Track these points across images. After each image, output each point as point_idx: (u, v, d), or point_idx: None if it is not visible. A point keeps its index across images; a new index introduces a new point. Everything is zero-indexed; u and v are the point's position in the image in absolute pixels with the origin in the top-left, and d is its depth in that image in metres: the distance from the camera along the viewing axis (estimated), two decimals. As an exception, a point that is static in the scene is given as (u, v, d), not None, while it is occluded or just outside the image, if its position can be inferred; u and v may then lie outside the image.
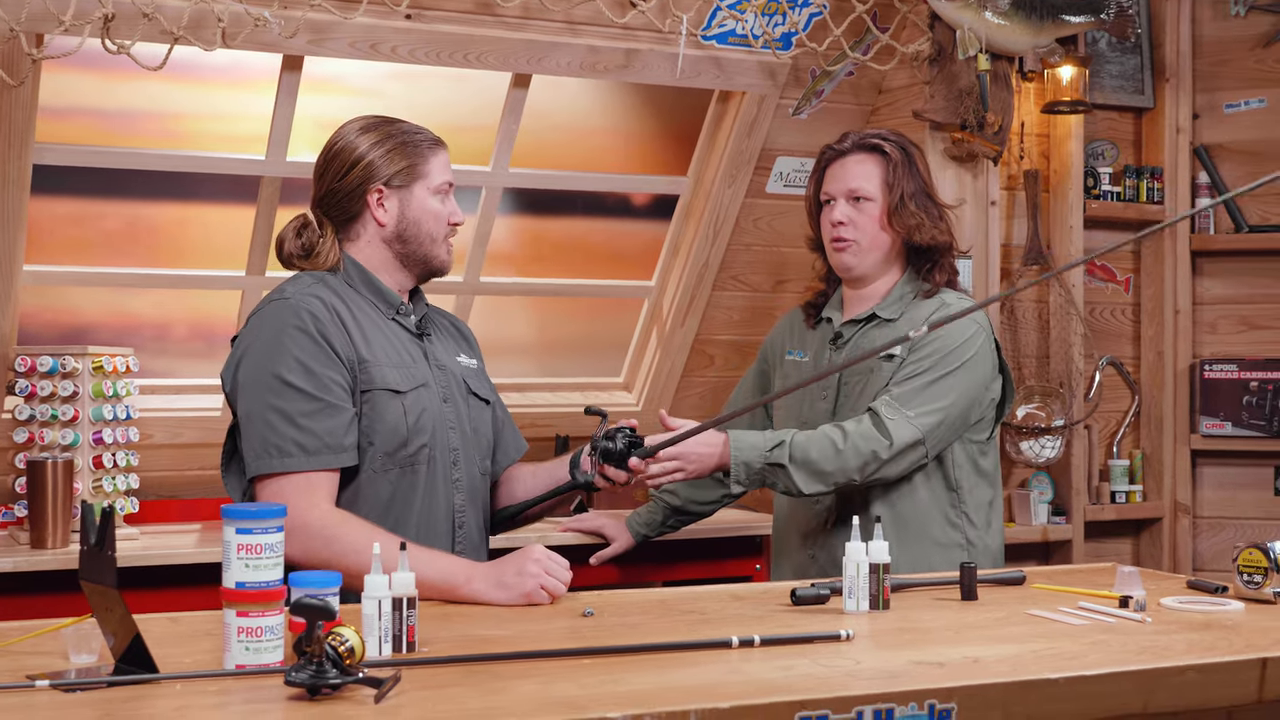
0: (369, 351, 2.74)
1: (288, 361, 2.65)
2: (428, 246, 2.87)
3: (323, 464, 2.63)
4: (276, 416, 2.63)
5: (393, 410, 2.73)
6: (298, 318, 2.68)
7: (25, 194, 3.69)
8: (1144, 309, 4.98)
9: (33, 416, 3.74)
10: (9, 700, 1.82)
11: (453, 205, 2.92)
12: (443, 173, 2.90)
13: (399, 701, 1.81)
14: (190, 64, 3.69)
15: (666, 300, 4.62)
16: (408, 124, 2.91)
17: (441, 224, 2.89)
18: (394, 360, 2.78)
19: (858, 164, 3.25)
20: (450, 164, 2.93)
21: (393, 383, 2.75)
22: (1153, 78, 4.91)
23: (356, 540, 2.52)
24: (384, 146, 2.84)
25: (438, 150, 2.90)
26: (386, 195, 2.84)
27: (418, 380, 2.80)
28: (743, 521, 4.16)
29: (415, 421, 2.76)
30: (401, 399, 2.75)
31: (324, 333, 2.68)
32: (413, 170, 2.85)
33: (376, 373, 2.73)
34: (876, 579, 2.50)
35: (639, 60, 4.06)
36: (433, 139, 2.91)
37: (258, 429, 2.64)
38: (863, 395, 3.19)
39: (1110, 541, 4.90)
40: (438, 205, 2.88)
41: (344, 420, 2.67)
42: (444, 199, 2.89)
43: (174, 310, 4.27)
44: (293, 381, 2.64)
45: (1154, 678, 2.07)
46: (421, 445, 2.76)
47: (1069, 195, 4.65)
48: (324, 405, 2.65)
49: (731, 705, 1.80)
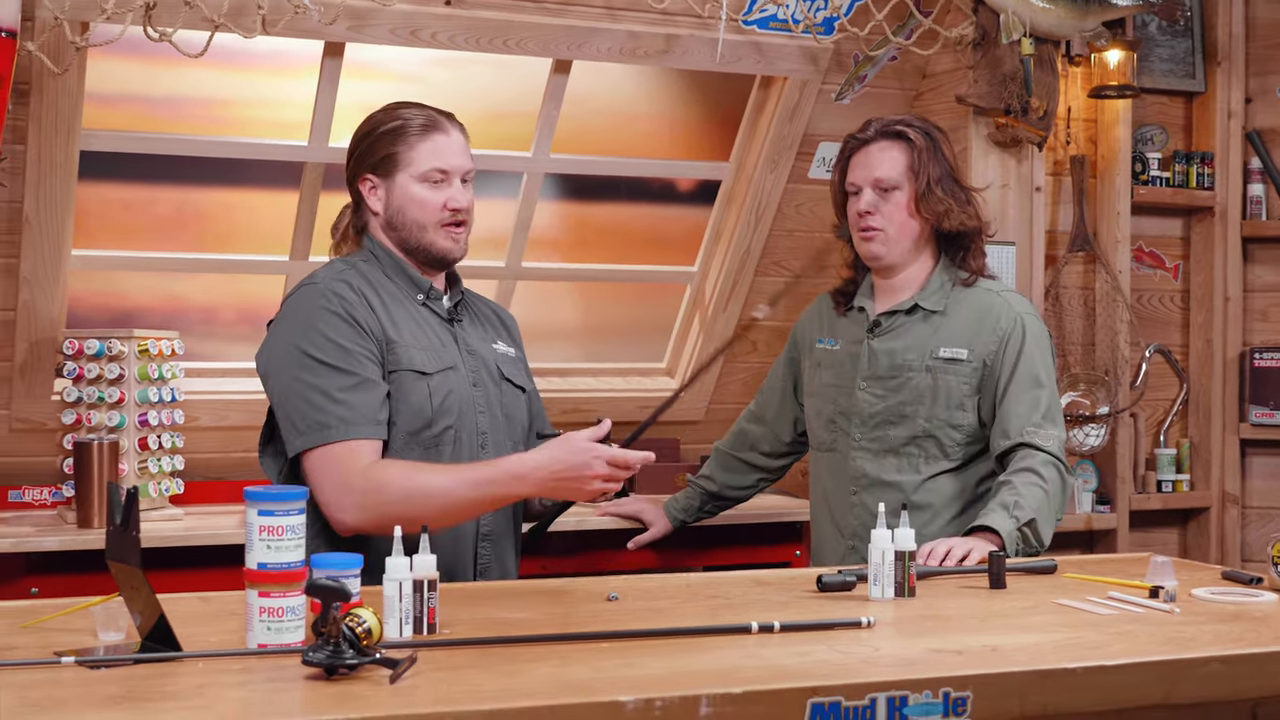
0: (396, 333, 2.77)
1: (319, 341, 2.69)
2: (418, 234, 2.84)
3: (364, 434, 2.66)
4: (315, 394, 2.66)
5: (417, 391, 2.75)
6: (326, 300, 2.73)
7: (73, 180, 3.74)
8: (1193, 296, 4.93)
9: (80, 399, 3.79)
10: (36, 676, 1.86)
11: (451, 191, 2.84)
12: (431, 159, 2.83)
13: (414, 682, 1.83)
14: (235, 50, 3.72)
15: (709, 286, 4.62)
16: (411, 109, 2.88)
17: (430, 210, 2.83)
18: (421, 342, 2.80)
19: (882, 152, 3.24)
20: (455, 148, 2.86)
21: (419, 364, 2.76)
22: (1204, 61, 4.86)
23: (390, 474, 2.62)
24: (373, 135, 2.87)
25: (428, 135, 2.84)
26: (376, 184, 2.86)
27: (445, 363, 2.81)
28: (782, 507, 4.15)
29: (440, 403, 2.77)
30: (427, 380, 2.76)
31: (352, 312, 2.72)
32: (394, 158, 2.84)
33: (403, 353, 2.75)
34: (902, 566, 2.50)
35: (679, 45, 4.05)
36: (423, 124, 2.85)
37: (297, 407, 2.68)
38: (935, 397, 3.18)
39: (1156, 531, 4.87)
40: (424, 192, 2.83)
41: (380, 394, 2.70)
42: (438, 185, 2.83)
43: (220, 294, 4.31)
44: (326, 360, 2.68)
45: (1177, 669, 2.06)
46: (446, 427, 2.78)
47: (1116, 181, 4.62)
48: (360, 380, 2.68)
49: (744, 690, 1.81)
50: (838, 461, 3.31)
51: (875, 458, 3.24)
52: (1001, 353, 3.18)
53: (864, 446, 3.25)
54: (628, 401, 4.52)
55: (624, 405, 4.44)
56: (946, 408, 3.18)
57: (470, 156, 2.90)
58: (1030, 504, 2.96)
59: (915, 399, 3.20)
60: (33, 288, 3.81)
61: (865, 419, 3.25)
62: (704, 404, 4.70)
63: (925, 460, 3.21)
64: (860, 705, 1.85)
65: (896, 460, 3.22)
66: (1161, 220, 4.88)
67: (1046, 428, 3.11)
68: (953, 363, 3.19)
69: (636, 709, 1.75)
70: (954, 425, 3.19)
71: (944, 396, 3.18)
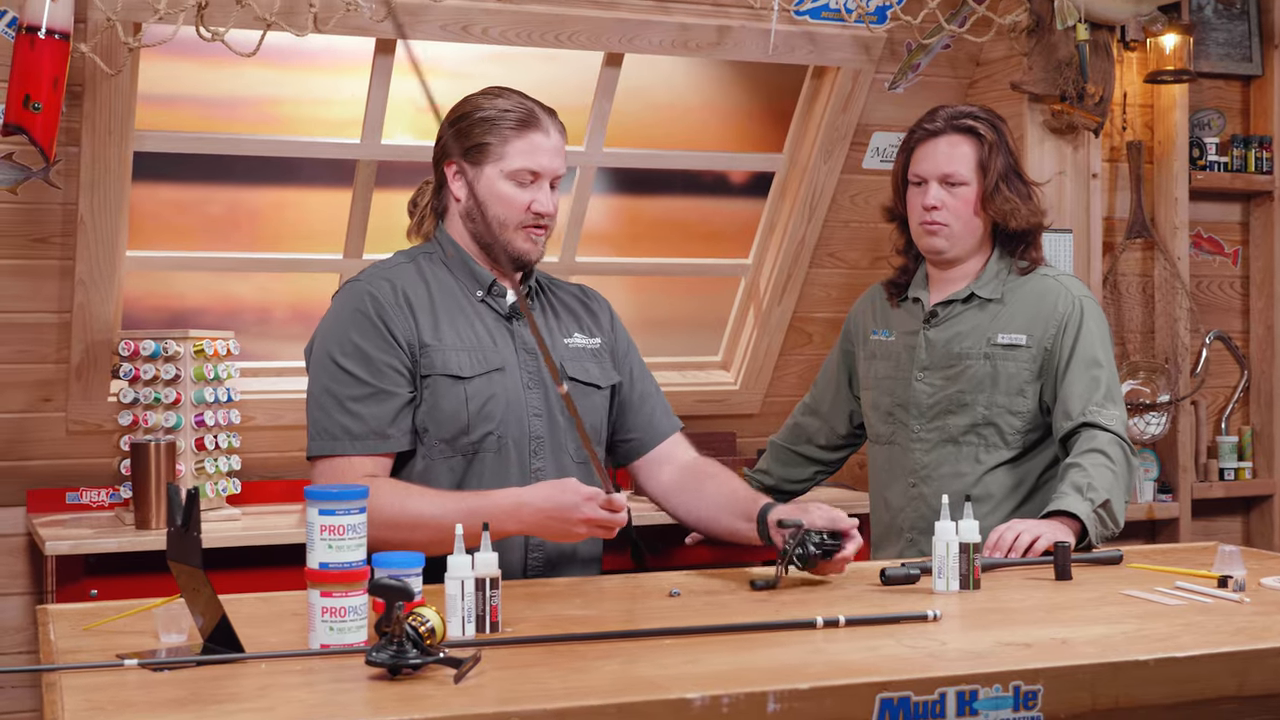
0: (435, 335, 2.70)
1: (345, 345, 2.66)
2: (496, 231, 2.74)
3: (366, 449, 2.63)
4: (329, 399, 2.64)
5: (453, 396, 2.68)
6: (361, 301, 2.69)
7: (127, 181, 3.75)
8: (1253, 281, 4.87)
9: (136, 400, 3.81)
10: (99, 679, 1.85)
11: (538, 193, 2.74)
12: (523, 158, 2.73)
13: (479, 681, 1.82)
14: (287, 49, 3.72)
15: (763, 278, 4.60)
16: (513, 99, 2.79)
17: (514, 210, 2.74)
18: (467, 343, 2.72)
19: (951, 146, 3.20)
20: (551, 148, 2.76)
21: (455, 367, 2.69)
22: (1261, 44, 4.79)
23: (382, 502, 2.50)
24: (468, 119, 2.77)
25: (525, 133, 2.74)
26: (462, 170, 2.76)
27: (491, 364, 2.72)
28: (840, 500, 4.13)
29: (480, 408, 2.69)
30: (464, 385, 2.69)
31: (384, 316, 2.67)
32: (485, 150, 2.74)
33: (438, 357, 2.68)
34: (966, 558, 2.47)
35: (731, 37, 4.03)
36: (521, 119, 2.75)
37: (313, 410, 2.67)
38: (995, 384, 3.15)
39: (1219, 520, 4.81)
40: (509, 190, 2.74)
41: (394, 406, 2.65)
42: (525, 185, 2.74)
43: (274, 294, 4.32)
44: (346, 366, 2.65)
45: (1249, 659, 2.03)
46: (487, 433, 2.69)
47: (1173, 166, 4.56)
48: (374, 390, 2.64)
49: (811, 686, 1.79)
50: (896, 454, 3.28)
51: (934, 449, 3.21)
52: (1061, 335, 3.14)
53: (922, 438, 3.22)
54: (685, 395, 4.51)
55: (681, 399, 4.42)
56: (1006, 394, 3.15)
57: (564, 159, 2.80)
58: (1103, 485, 2.93)
59: (974, 386, 3.17)
60: (88, 289, 3.83)
61: (924, 409, 3.22)
62: (760, 397, 4.68)
63: (985, 449, 3.17)
64: (930, 700, 1.83)
65: (956, 450, 3.19)
66: (1220, 205, 4.82)
67: (1109, 407, 3.08)
68: (1012, 349, 3.16)
69: (704, 706, 1.73)
70: (1013, 412, 3.16)
71: (1004, 383, 3.15)
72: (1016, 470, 3.19)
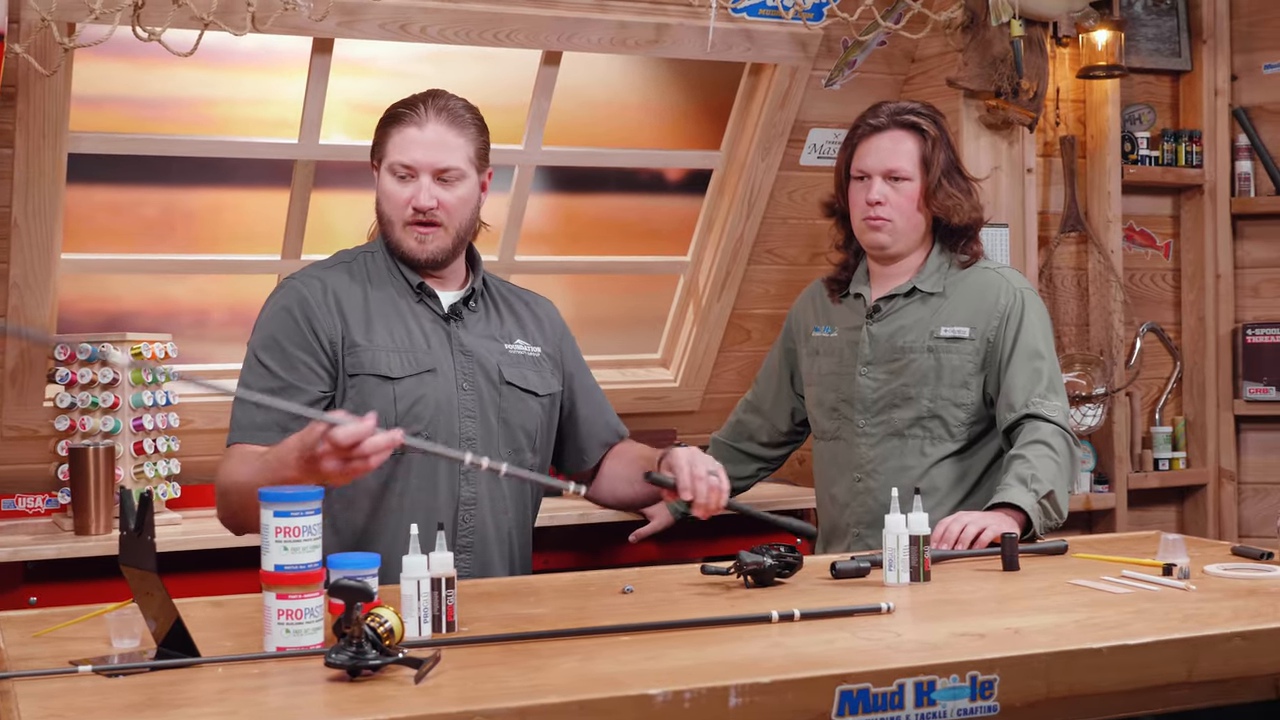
0: (366, 335, 2.71)
1: (266, 340, 2.72)
2: (388, 230, 2.77)
3: (261, 439, 2.64)
4: (244, 391, 2.63)
5: (380, 396, 2.69)
6: (288, 298, 2.75)
7: (61, 183, 3.70)
8: (1184, 274, 4.93)
9: (73, 404, 3.76)
10: (53, 685, 1.83)
11: (414, 189, 2.72)
12: (397, 152, 2.73)
13: (440, 681, 1.82)
14: (223, 49, 3.69)
15: (702, 275, 4.60)
16: (418, 96, 2.78)
17: (395, 206, 2.74)
18: (398, 344, 2.73)
19: (895, 142, 3.22)
20: (426, 141, 2.72)
21: (384, 367, 2.70)
22: (1189, 40, 4.86)
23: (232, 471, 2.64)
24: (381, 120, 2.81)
25: (401, 126, 2.73)
26: (375, 170, 2.82)
27: (421, 365, 2.73)
28: (785, 495, 4.14)
29: (409, 409, 2.70)
30: (393, 385, 2.70)
31: (309, 314, 2.71)
32: (380, 148, 2.78)
33: (366, 357, 2.70)
34: (917, 551, 2.49)
35: (669, 35, 4.04)
36: (397, 114, 2.75)
37: (235, 401, 2.70)
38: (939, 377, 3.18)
39: (1154, 509, 4.87)
40: (391, 185, 2.74)
41: (301, 401, 2.63)
42: (404, 180, 2.74)
43: (212, 296, 4.27)
44: (263, 360, 2.71)
45: (1199, 645, 2.06)
46: (416, 433, 2.67)
47: (1106, 161, 4.61)
48: (284, 385, 2.68)
49: (772, 679, 1.80)
50: (841, 449, 3.30)
51: (879, 443, 3.23)
52: (1003, 327, 3.17)
53: (868, 432, 3.24)
54: (624, 393, 4.50)
55: (621, 397, 4.42)
56: (950, 386, 3.18)
57: (452, 152, 2.74)
58: (1046, 476, 2.96)
59: (918, 380, 3.19)
60: (22, 293, 3.77)
61: (868, 404, 3.24)
62: (700, 394, 4.69)
63: (930, 442, 3.20)
64: (889, 691, 1.85)
65: (901, 444, 3.21)
66: (1151, 199, 4.88)
67: (1051, 398, 3.11)
68: (955, 341, 3.19)
69: (666, 701, 1.74)
70: (958, 404, 3.18)
71: (947, 375, 3.18)
72: (962, 463, 3.21)
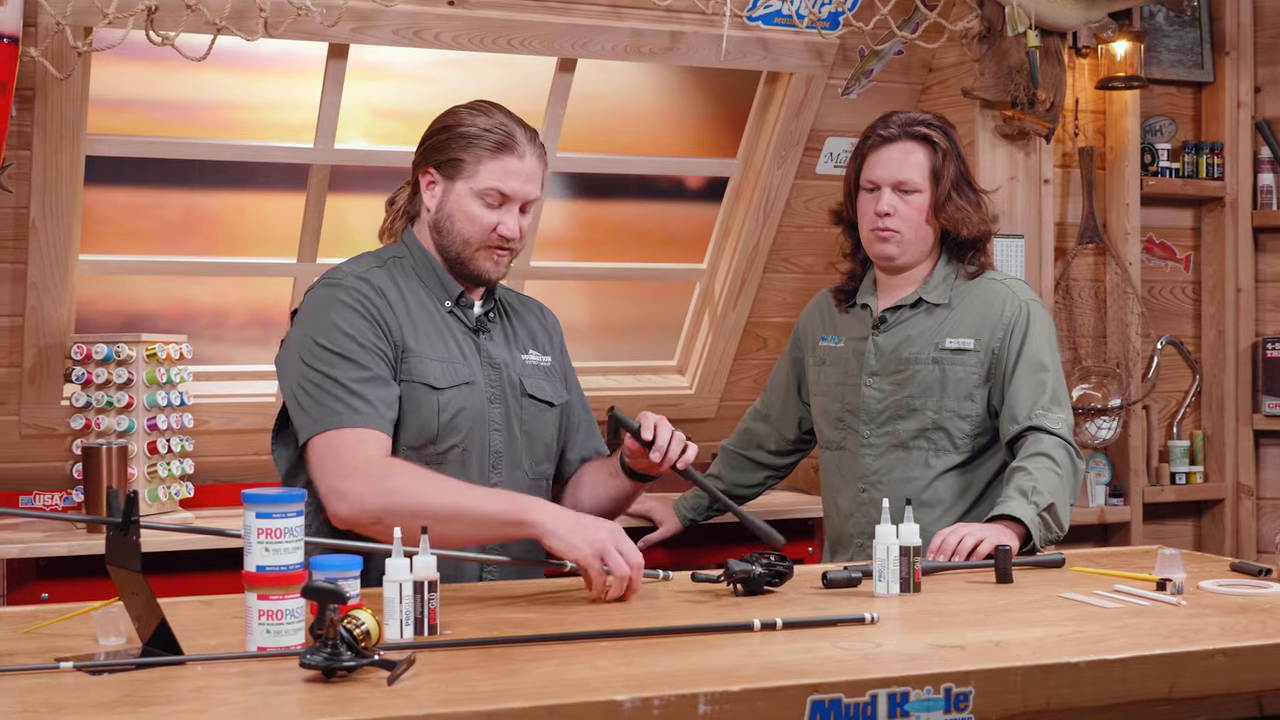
0: (415, 340, 2.71)
1: (333, 334, 2.64)
2: (459, 248, 2.77)
3: (375, 425, 2.59)
4: (328, 381, 2.60)
5: (426, 405, 2.69)
6: (347, 295, 2.69)
7: (79, 185, 3.74)
8: (1204, 287, 4.91)
9: (89, 404, 3.80)
10: (35, 681, 1.86)
11: (505, 216, 2.77)
12: (495, 179, 2.75)
13: (413, 684, 1.83)
14: (242, 53, 3.73)
15: (718, 283, 4.61)
16: (496, 118, 2.79)
17: (479, 230, 2.76)
18: (439, 354, 2.73)
19: (905, 153, 3.21)
20: (525, 173, 2.77)
21: (431, 377, 2.70)
22: (1212, 51, 4.84)
23: (406, 484, 2.51)
24: (449, 132, 2.79)
25: (500, 155, 2.75)
26: (436, 181, 2.80)
27: (461, 377, 2.74)
28: (794, 504, 4.14)
29: (450, 420, 2.71)
30: (437, 395, 2.70)
31: (370, 308, 2.68)
32: (459, 166, 2.76)
33: (416, 364, 2.70)
34: (907, 562, 2.49)
35: (684, 43, 4.05)
36: (499, 142, 2.75)
37: (309, 393, 2.61)
38: (944, 388, 3.17)
39: (1170, 523, 4.85)
40: (477, 209, 2.75)
41: (392, 393, 2.64)
42: (494, 207, 2.76)
43: (229, 298, 4.31)
44: (340, 351, 2.63)
45: (1180, 661, 2.05)
46: (453, 445, 2.70)
47: (1125, 172, 4.60)
48: (372, 375, 2.63)
49: (742, 688, 1.81)
50: (846, 460, 3.30)
51: (884, 454, 3.23)
52: (1008, 339, 3.17)
53: (872, 443, 3.24)
54: (640, 399, 4.52)
55: (636, 403, 4.44)
56: (955, 398, 3.17)
57: (540, 184, 2.81)
58: (1047, 489, 2.94)
59: (923, 391, 3.19)
60: (40, 293, 3.82)
61: (873, 415, 3.24)
62: (715, 401, 4.70)
63: (934, 453, 3.20)
64: (861, 702, 1.84)
65: (905, 455, 3.21)
66: (1171, 211, 4.86)
67: (1055, 410, 3.10)
68: (960, 353, 3.18)
69: (635, 708, 1.75)
70: (962, 415, 3.18)
71: (952, 387, 3.17)
72: (966, 475, 3.21)
